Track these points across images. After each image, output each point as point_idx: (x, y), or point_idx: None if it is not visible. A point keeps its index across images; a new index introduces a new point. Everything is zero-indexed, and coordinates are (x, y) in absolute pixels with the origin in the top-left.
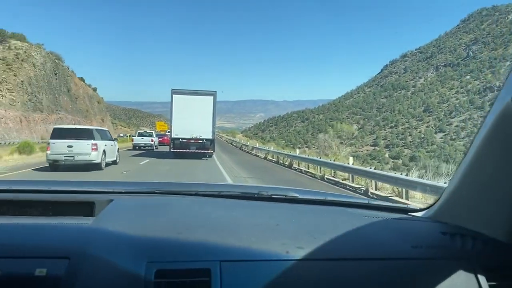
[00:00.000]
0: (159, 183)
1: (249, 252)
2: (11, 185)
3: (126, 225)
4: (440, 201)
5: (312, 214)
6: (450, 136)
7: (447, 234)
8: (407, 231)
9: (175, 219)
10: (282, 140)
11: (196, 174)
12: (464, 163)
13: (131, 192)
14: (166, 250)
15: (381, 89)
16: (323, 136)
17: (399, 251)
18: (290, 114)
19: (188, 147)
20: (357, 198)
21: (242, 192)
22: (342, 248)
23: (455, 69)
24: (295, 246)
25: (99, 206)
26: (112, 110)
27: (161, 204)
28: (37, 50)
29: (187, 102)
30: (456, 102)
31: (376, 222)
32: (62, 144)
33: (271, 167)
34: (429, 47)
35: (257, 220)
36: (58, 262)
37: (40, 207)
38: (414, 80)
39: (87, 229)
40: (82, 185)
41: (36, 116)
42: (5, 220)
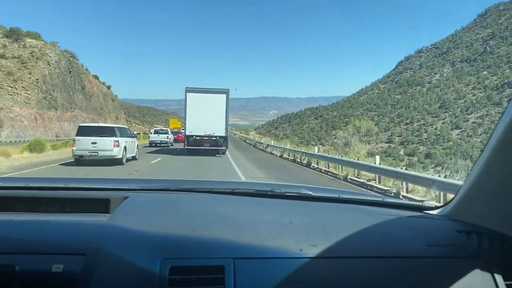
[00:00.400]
0: (173, 180)
1: (262, 250)
2: (28, 182)
3: (141, 222)
4: (456, 199)
5: (326, 211)
6: (467, 133)
7: (463, 232)
8: (423, 229)
9: (189, 216)
10: (295, 137)
11: (209, 174)
12: (481, 161)
13: (146, 189)
14: (181, 247)
15: (396, 86)
16: (342, 133)
17: (414, 249)
18: (303, 111)
19: (202, 144)
20: (371, 195)
21: (256, 189)
22: (356, 246)
23: (471, 65)
24: (308, 244)
25: (114, 203)
26: (127, 108)
27: (175, 201)
28: (51, 48)
29: (201, 100)
30: (473, 98)
31: (391, 220)
32: (86, 141)
33: (288, 166)
34: (445, 43)
35: (270, 218)
36: (74, 259)
37: (57, 203)
38: (430, 76)
39: (103, 226)
40: (98, 183)
41: (51, 114)
42: (23, 217)
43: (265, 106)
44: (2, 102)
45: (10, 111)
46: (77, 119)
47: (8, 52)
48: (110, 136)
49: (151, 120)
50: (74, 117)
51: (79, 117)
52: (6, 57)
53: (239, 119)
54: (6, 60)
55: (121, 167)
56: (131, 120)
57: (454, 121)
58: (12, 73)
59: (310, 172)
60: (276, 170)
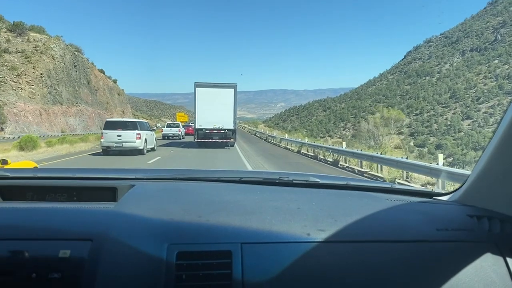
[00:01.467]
0: (180, 169)
1: (270, 234)
2: (37, 172)
3: (147, 209)
4: (466, 185)
5: (334, 198)
6: (478, 123)
7: (474, 217)
8: (432, 214)
9: (196, 203)
10: (304, 130)
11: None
12: (491, 146)
13: (152, 178)
14: (187, 232)
15: (404, 76)
16: (367, 124)
17: (424, 233)
18: (311, 104)
19: (211, 137)
20: (380, 182)
21: (263, 178)
22: (364, 230)
23: (482, 54)
24: (316, 228)
25: (121, 191)
26: (134, 102)
27: (181, 189)
28: (56, 42)
29: (210, 95)
30: (484, 88)
31: (400, 205)
32: (113, 134)
33: (312, 165)
34: (454, 32)
35: (278, 204)
36: (81, 244)
37: (65, 192)
38: (439, 66)
39: (110, 213)
40: (105, 172)
41: (56, 108)
42: (31, 205)
43: (273, 98)
44: (5, 97)
45: (14, 106)
46: (82, 114)
47: (12, 47)
48: (133, 130)
49: (158, 114)
50: (80, 112)
51: (85, 111)
52: (10, 52)
53: (247, 112)
54: (10, 55)
55: (142, 157)
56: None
57: (465, 111)
58: (16, 67)
59: (344, 174)
60: (301, 171)
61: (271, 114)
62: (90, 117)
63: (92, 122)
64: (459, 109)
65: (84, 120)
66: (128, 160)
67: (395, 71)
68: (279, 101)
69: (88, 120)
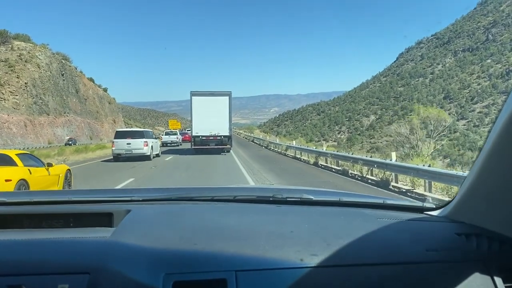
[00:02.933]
0: (175, 188)
1: (263, 261)
2: (32, 196)
3: (143, 237)
4: (456, 199)
5: (326, 217)
6: (474, 123)
7: (462, 235)
8: (422, 233)
9: (192, 229)
10: (298, 134)
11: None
12: (480, 158)
13: (148, 200)
14: (183, 261)
15: (397, 78)
16: (398, 127)
17: (414, 254)
18: (305, 108)
19: (208, 144)
20: (372, 197)
21: (257, 195)
22: (355, 253)
23: (474, 54)
24: (309, 253)
25: (117, 216)
26: (127, 111)
27: (177, 213)
28: (41, 50)
29: (205, 103)
30: (478, 88)
31: (391, 225)
32: (123, 142)
33: (355, 187)
34: (445, 33)
35: (271, 228)
36: (79, 278)
37: (61, 219)
38: (432, 67)
39: (106, 243)
40: (101, 194)
41: (42, 119)
42: (28, 235)
43: (266, 104)
44: None
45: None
46: (71, 124)
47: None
48: (140, 138)
49: (152, 122)
50: (68, 122)
51: (74, 121)
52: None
53: (240, 117)
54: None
55: (149, 162)
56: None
57: (460, 111)
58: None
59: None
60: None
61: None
62: (79, 127)
63: (82, 132)
64: (454, 109)
65: (73, 130)
66: (138, 163)
67: (388, 73)
68: (273, 106)
69: (77, 130)
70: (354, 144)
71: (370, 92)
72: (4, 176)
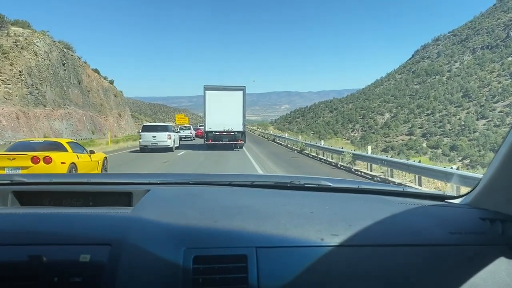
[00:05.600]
0: (193, 174)
1: (284, 239)
2: (52, 177)
3: (163, 214)
4: (479, 188)
5: (346, 202)
6: (494, 123)
7: (486, 220)
8: (445, 217)
9: (211, 208)
10: (311, 132)
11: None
12: (504, 147)
13: (167, 183)
14: (203, 237)
15: (413, 75)
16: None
17: (437, 237)
18: (317, 105)
19: (221, 139)
20: (391, 186)
21: (275, 181)
22: (378, 234)
23: (494, 51)
24: (329, 233)
25: (136, 196)
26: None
27: (196, 194)
28: (40, 37)
29: (219, 97)
30: (499, 86)
31: (412, 209)
32: (149, 135)
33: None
34: (463, 30)
35: (291, 208)
36: (100, 249)
37: (80, 198)
38: (449, 65)
39: (127, 218)
40: (120, 177)
41: (37, 111)
42: (49, 210)
43: (277, 100)
44: None
45: None
46: (71, 116)
47: None
48: (164, 132)
49: (163, 117)
50: (68, 115)
51: (74, 114)
52: None
53: (251, 114)
54: None
55: (172, 153)
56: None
57: (479, 110)
58: None
59: None
60: None
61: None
62: (80, 121)
63: (83, 126)
64: (473, 108)
65: (72, 123)
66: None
67: (403, 70)
68: (284, 103)
69: (77, 123)
70: (368, 143)
71: (385, 89)
72: (60, 159)
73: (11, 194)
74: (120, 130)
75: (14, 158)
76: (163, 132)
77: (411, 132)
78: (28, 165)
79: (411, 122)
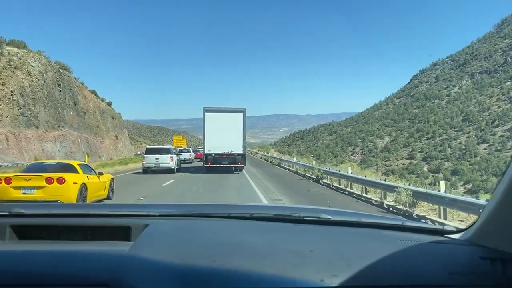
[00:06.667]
0: (192, 205)
1: (283, 280)
2: (51, 209)
3: (162, 252)
4: (479, 222)
5: (346, 237)
6: (495, 147)
7: (486, 259)
8: (445, 256)
9: (209, 245)
10: (310, 154)
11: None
12: (504, 181)
13: (165, 215)
14: (201, 278)
15: (412, 99)
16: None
17: (437, 278)
18: (316, 127)
19: (221, 162)
20: (391, 219)
21: (274, 214)
22: (377, 275)
23: (492, 76)
24: (329, 273)
25: (135, 230)
26: (138, 128)
27: (195, 229)
28: (35, 57)
29: (219, 119)
30: (499, 110)
31: (412, 247)
32: (152, 157)
33: None
34: (461, 55)
35: (290, 246)
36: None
37: (79, 231)
38: (448, 89)
39: (125, 256)
40: (119, 208)
41: (29, 132)
42: (47, 247)
43: (276, 123)
44: None
45: None
46: (65, 138)
47: None
48: (167, 154)
49: (162, 140)
50: (62, 136)
51: (68, 136)
52: None
53: (250, 136)
54: None
55: (173, 174)
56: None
57: (480, 134)
58: None
59: None
60: None
61: (275, 139)
62: (74, 143)
63: (77, 148)
64: (473, 132)
65: (66, 146)
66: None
67: (401, 94)
68: (282, 126)
69: (72, 145)
70: (368, 166)
71: (384, 113)
72: (72, 180)
73: (9, 228)
74: (117, 152)
75: (30, 178)
76: (165, 154)
77: (411, 156)
78: (43, 185)
79: (411, 146)
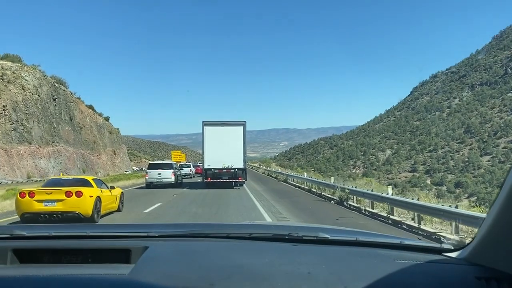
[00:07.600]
0: (191, 224)
1: None
2: (51, 230)
3: (161, 275)
4: (476, 240)
5: (344, 257)
6: (499, 159)
7: (482, 279)
8: (441, 276)
9: (208, 268)
10: (311, 168)
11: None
12: (501, 198)
13: (165, 236)
14: None
15: (412, 112)
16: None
17: None
18: (317, 141)
19: (221, 177)
20: (389, 237)
21: (273, 233)
22: None
23: (493, 87)
24: None
25: (135, 253)
26: (137, 144)
27: (194, 251)
28: (29, 71)
29: (218, 133)
30: (501, 122)
31: (409, 267)
32: (154, 172)
33: None
34: (461, 66)
35: (288, 268)
36: None
37: (80, 255)
38: (449, 101)
39: (125, 282)
40: (118, 229)
41: (21, 148)
42: (48, 271)
43: (275, 137)
44: None
45: None
46: (60, 154)
47: None
48: (169, 169)
49: (162, 155)
50: (57, 152)
51: (64, 152)
52: None
53: (250, 151)
54: None
55: (175, 189)
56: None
57: (482, 146)
58: None
59: None
60: None
61: (275, 153)
62: (70, 159)
63: (73, 164)
64: (476, 144)
65: (61, 162)
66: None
67: (402, 107)
68: (282, 140)
69: (67, 161)
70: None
71: (385, 126)
72: (89, 193)
73: (11, 252)
74: (114, 168)
75: (51, 192)
76: (167, 169)
77: (414, 169)
78: (62, 198)
79: (413, 158)
